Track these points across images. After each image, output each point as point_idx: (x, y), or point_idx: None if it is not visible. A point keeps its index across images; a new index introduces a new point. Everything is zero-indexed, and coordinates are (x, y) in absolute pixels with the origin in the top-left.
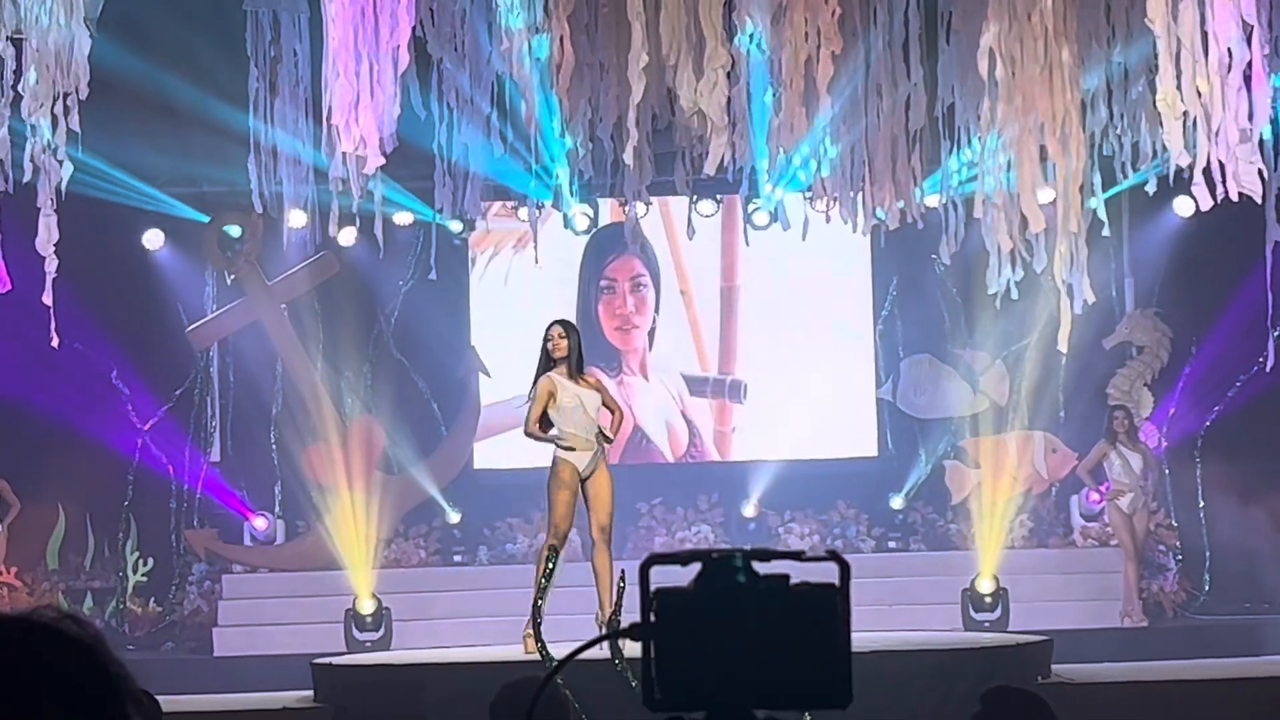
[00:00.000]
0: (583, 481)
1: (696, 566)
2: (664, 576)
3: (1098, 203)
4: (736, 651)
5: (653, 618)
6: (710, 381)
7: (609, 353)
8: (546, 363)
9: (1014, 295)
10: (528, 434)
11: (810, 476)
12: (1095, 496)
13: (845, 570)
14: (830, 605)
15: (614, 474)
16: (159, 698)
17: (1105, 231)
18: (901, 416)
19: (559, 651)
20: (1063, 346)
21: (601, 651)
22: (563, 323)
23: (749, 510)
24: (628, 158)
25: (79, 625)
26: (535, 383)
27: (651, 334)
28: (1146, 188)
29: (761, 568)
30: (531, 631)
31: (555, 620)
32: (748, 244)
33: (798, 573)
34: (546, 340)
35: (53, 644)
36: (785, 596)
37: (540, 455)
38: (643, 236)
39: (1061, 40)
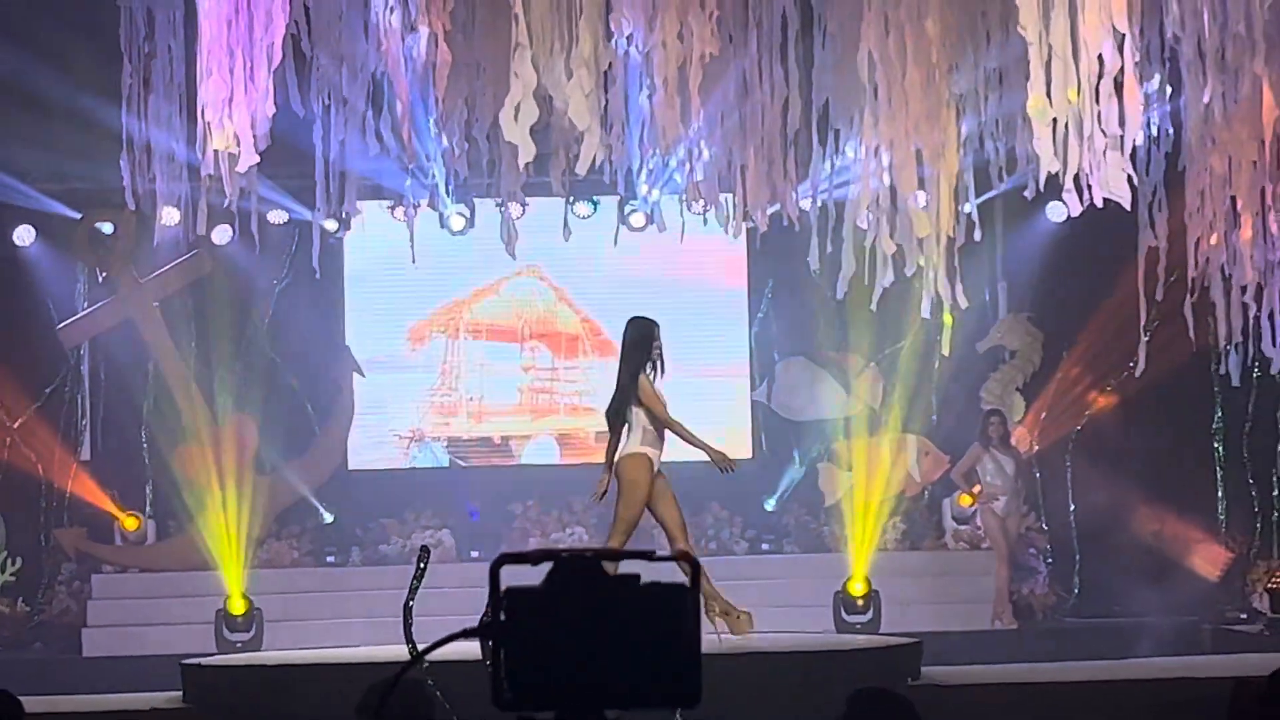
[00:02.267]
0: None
1: (548, 566)
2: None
3: (971, 207)
4: (586, 651)
5: (503, 617)
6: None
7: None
8: (646, 362)
9: (872, 306)
10: (676, 430)
11: (684, 478)
12: (968, 501)
13: (696, 570)
14: (680, 604)
15: (490, 476)
16: (26, 698)
17: (977, 235)
18: (776, 419)
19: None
20: (945, 350)
21: (474, 651)
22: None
23: None
24: (520, 159)
25: None
26: (636, 380)
27: (534, 333)
28: (1025, 192)
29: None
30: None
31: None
32: (615, 245)
33: (649, 573)
34: (654, 340)
35: None
36: (635, 595)
37: (415, 454)
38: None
39: (936, 45)
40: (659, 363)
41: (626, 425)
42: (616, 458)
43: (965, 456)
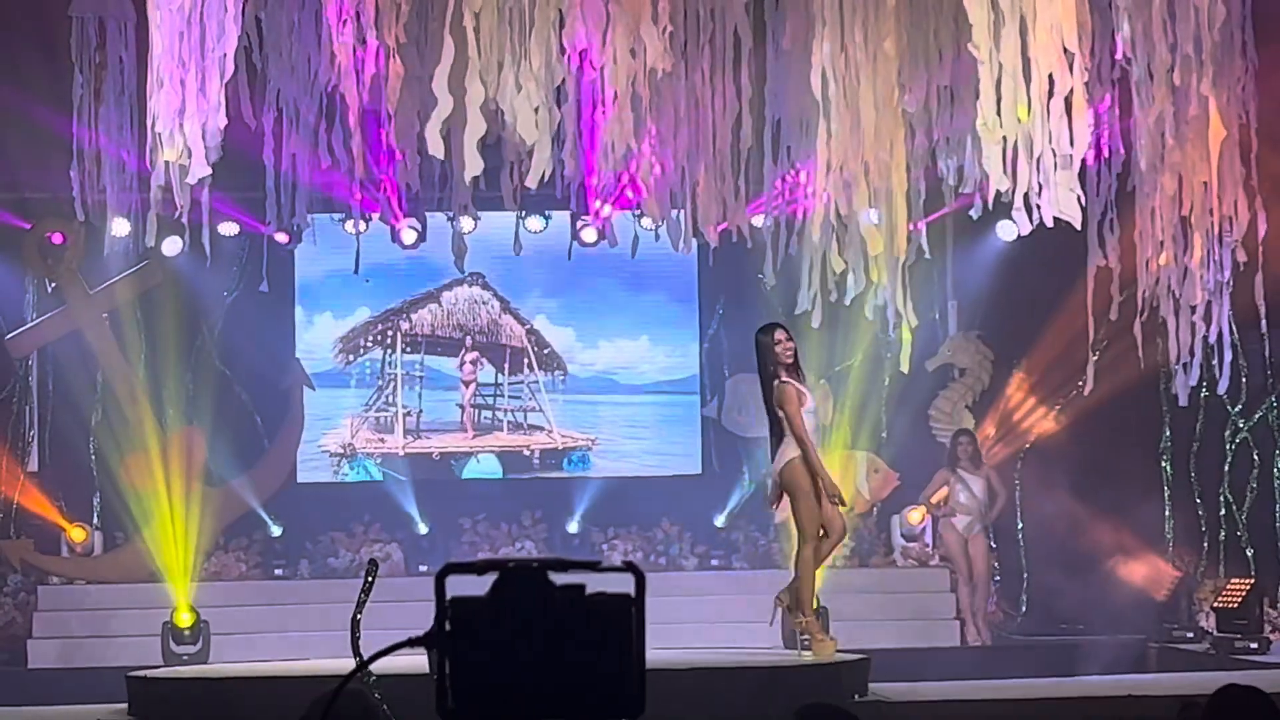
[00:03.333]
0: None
1: (493, 576)
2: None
3: (922, 225)
4: (531, 661)
5: (448, 627)
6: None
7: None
8: (776, 368)
9: (814, 324)
10: (801, 441)
11: (634, 494)
12: (917, 518)
13: (640, 581)
14: (625, 615)
15: (440, 490)
16: None
17: (927, 253)
18: (726, 435)
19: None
20: (905, 367)
21: (421, 664)
22: (784, 326)
23: (572, 527)
24: (466, 174)
25: None
26: (770, 387)
27: (482, 343)
28: (971, 212)
29: (558, 578)
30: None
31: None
32: (569, 259)
33: (595, 584)
34: (775, 344)
35: None
36: (580, 606)
37: (365, 468)
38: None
39: (888, 62)
40: (794, 365)
41: (778, 432)
42: (778, 465)
43: (932, 482)
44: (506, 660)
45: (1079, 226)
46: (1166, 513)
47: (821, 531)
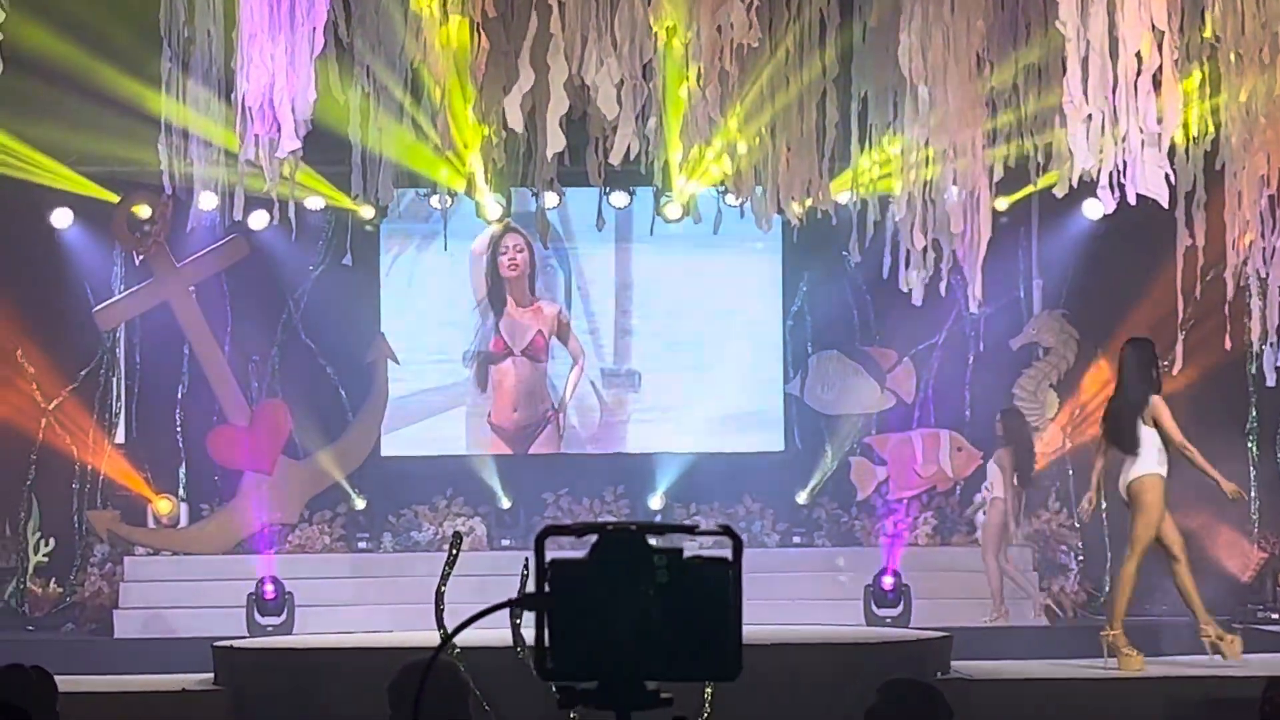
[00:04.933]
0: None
1: (592, 538)
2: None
3: (1005, 204)
4: (629, 622)
5: (547, 588)
6: (604, 371)
7: (518, 334)
8: (1156, 382)
9: (915, 301)
10: (1189, 453)
11: (716, 470)
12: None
13: (738, 545)
14: (723, 579)
15: (522, 464)
16: (57, 678)
17: (1013, 231)
18: (809, 412)
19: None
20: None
21: (504, 637)
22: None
23: (655, 503)
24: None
25: None
26: (1149, 401)
27: (563, 320)
28: (1056, 190)
29: (656, 541)
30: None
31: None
32: (651, 234)
33: (692, 547)
34: (1155, 360)
35: None
36: (679, 569)
37: (449, 443)
38: (552, 227)
39: (976, 40)
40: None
41: (1138, 446)
42: (1129, 478)
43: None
44: (605, 621)
45: (1166, 205)
46: (1252, 493)
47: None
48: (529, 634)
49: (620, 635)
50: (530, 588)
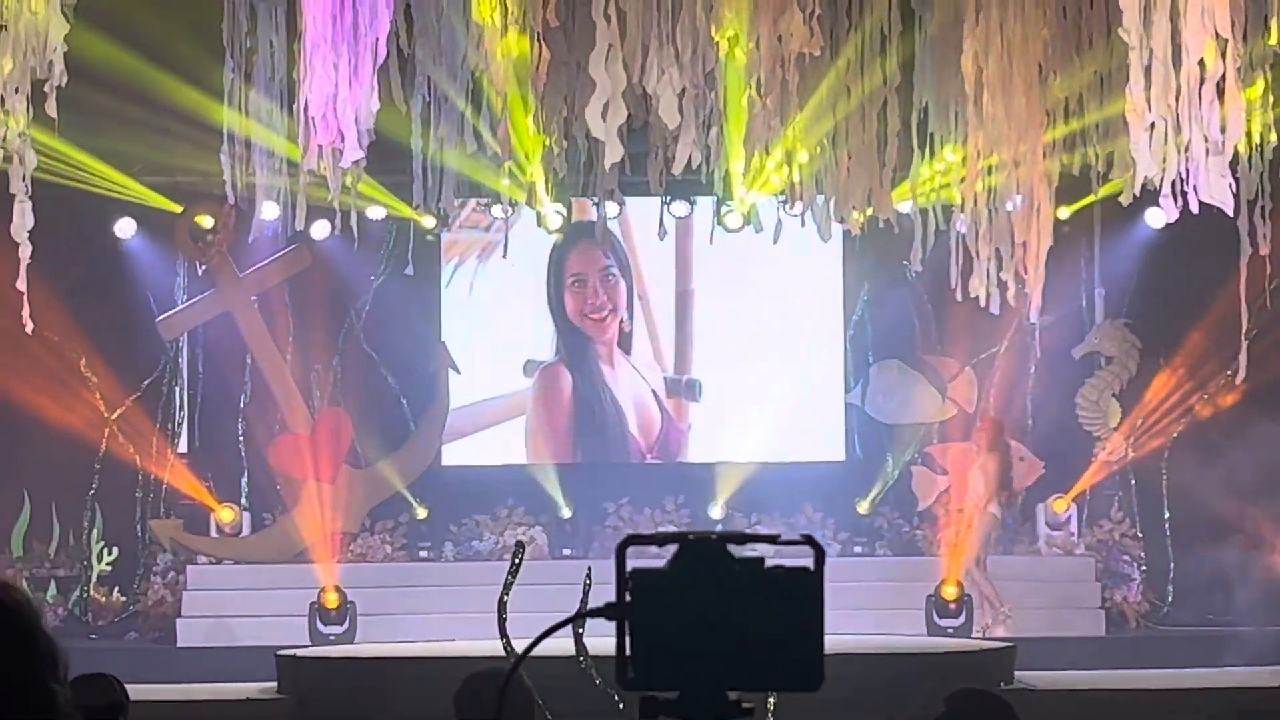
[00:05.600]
0: None
1: (673, 548)
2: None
3: (1066, 213)
4: (711, 632)
5: (628, 598)
6: (666, 380)
7: (579, 343)
8: None
9: (994, 309)
10: None
11: (777, 479)
12: (1062, 507)
13: (820, 554)
14: (804, 588)
15: (583, 473)
16: None
17: (1075, 240)
18: (870, 421)
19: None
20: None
21: (568, 646)
22: None
23: (716, 512)
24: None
25: (3, 590)
26: None
27: (625, 329)
28: (1120, 198)
29: (737, 551)
30: None
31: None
32: (710, 243)
33: (773, 556)
34: None
35: None
36: (760, 579)
37: (508, 451)
38: (612, 235)
39: (1038, 48)
40: None
41: None
42: None
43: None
44: (686, 631)
45: (1230, 213)
46: None
47: None
48: (598, 644)
49: (702, 645)
50: (592, 598)
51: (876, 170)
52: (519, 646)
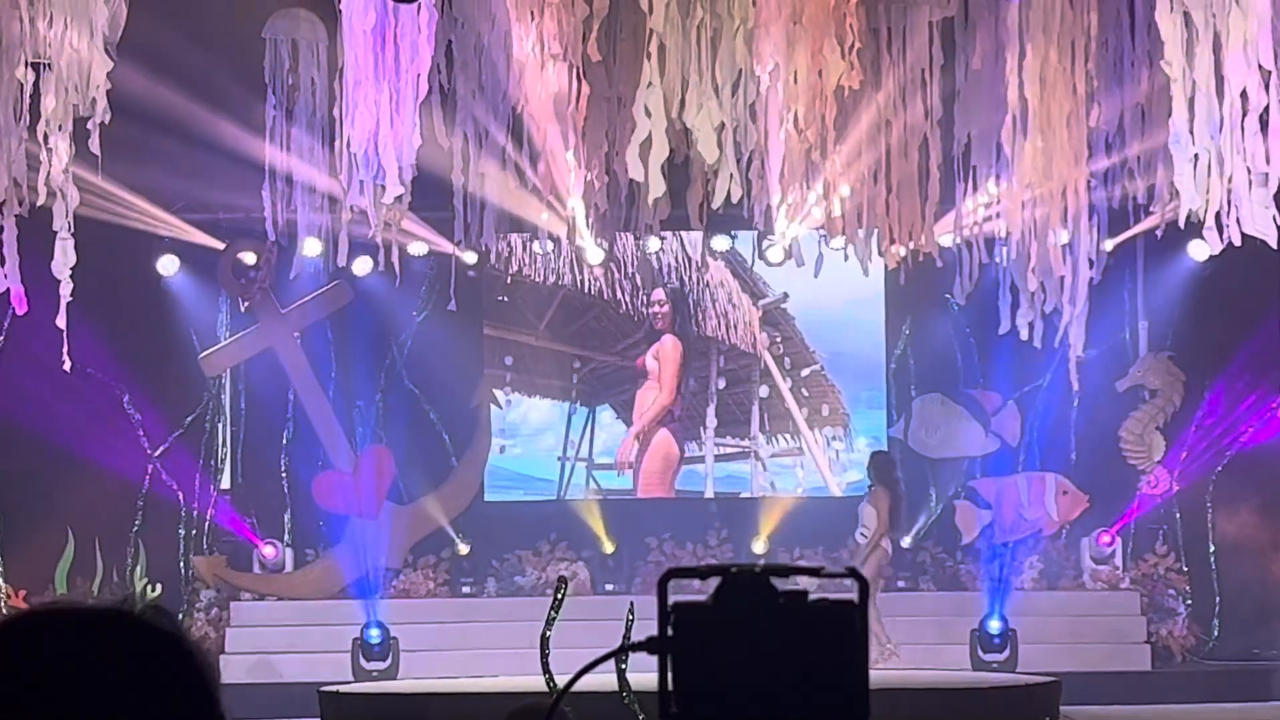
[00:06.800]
0: None
1: (715, 581)
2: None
3: (1110, 245)
4: (754, 666)
5: (670, 632)
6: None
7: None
8: None
9: (1036, 341)
10: None
11: (820, 513)
12: (1106, 539)
13: (864, 587)
14: (849, 622)
15: (625, 508)
16: None
17: (1117, 274)
18: (912, 455)
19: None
20: None
21: (610, 681)
22: None
23: (758, 546)
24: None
25: (164, 617)
26: None
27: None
28: (1157, 231)
29: (780, 584)
30: None
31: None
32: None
33: (816, 589)
34: None
35: (143, 636)
36: (804, 612)
37: (552, 488)
38: (659, 269)
39: (1079, 80)
40: None
41: None
42: None
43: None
44: (730, 666)
45: (1274, 244)
46: None
47: None
48: (641, 679)
49: (745, 679)
50: (635, 633)
51: (918, 204)
52: (561, 681)
